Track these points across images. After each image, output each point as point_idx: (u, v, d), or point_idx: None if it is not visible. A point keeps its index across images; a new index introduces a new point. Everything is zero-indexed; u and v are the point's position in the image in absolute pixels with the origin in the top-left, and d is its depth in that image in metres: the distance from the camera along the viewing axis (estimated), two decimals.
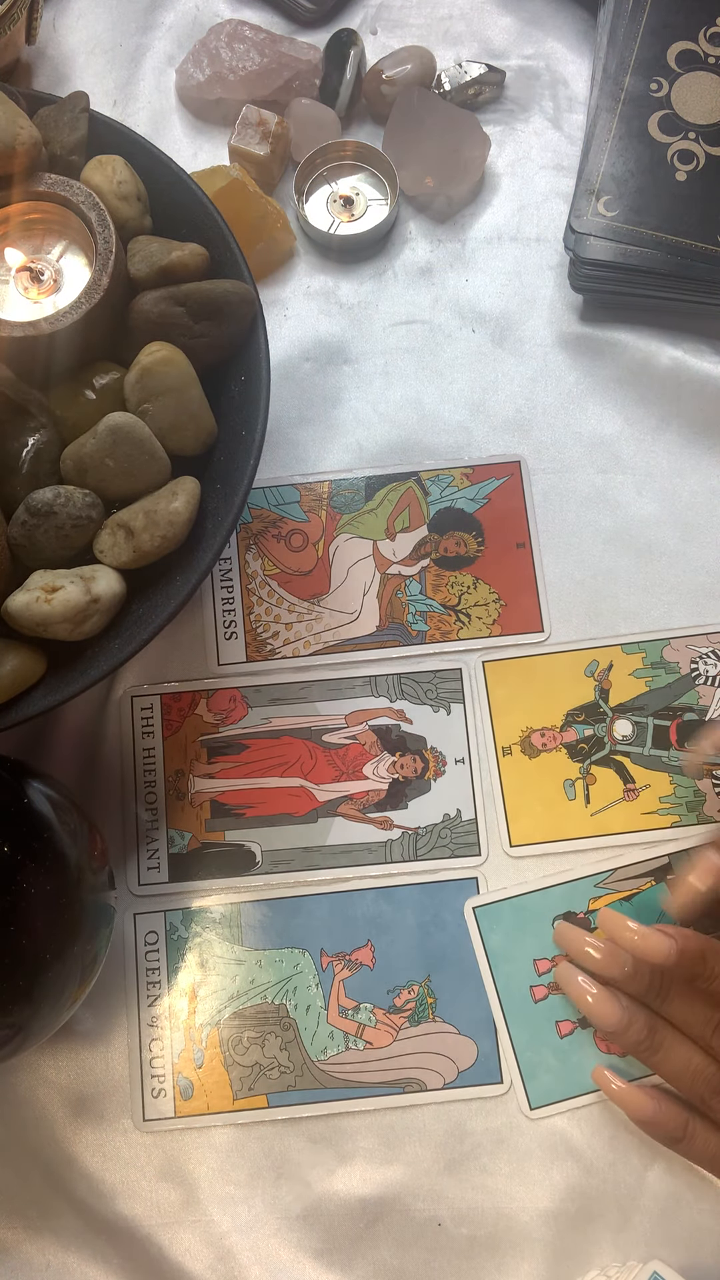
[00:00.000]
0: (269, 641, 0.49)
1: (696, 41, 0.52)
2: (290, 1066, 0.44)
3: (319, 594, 0.49)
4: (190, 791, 0.47)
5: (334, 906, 0.46)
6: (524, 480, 0.50)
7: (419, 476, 0.50)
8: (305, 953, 0.45)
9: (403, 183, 0.53)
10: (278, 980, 0.45)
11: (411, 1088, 0.44)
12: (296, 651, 0.48)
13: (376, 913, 0.45)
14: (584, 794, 0.47)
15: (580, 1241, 0.42)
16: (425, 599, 0.49)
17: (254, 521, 0.50)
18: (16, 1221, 0.43)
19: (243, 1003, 0.45)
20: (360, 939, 0.45)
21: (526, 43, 0.57)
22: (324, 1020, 0.44)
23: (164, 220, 0.45)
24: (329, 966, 0.45)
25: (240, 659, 0.48)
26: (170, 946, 0.45)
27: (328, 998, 0.45)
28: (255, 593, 0.49)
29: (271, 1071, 0.44)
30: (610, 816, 0.46)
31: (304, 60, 0.54)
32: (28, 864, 0.37)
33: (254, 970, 0.45)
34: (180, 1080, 0.44)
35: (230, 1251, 0.43)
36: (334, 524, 0.50)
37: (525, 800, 0.46)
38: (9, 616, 0.39)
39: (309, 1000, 0.45)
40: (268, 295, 0.53)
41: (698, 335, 0.52)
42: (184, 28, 0.57)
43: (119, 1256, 0.43)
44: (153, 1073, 0.44)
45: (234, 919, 0.46)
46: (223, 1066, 0.44)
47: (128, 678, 0.48)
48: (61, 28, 0.57)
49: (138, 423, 0.40)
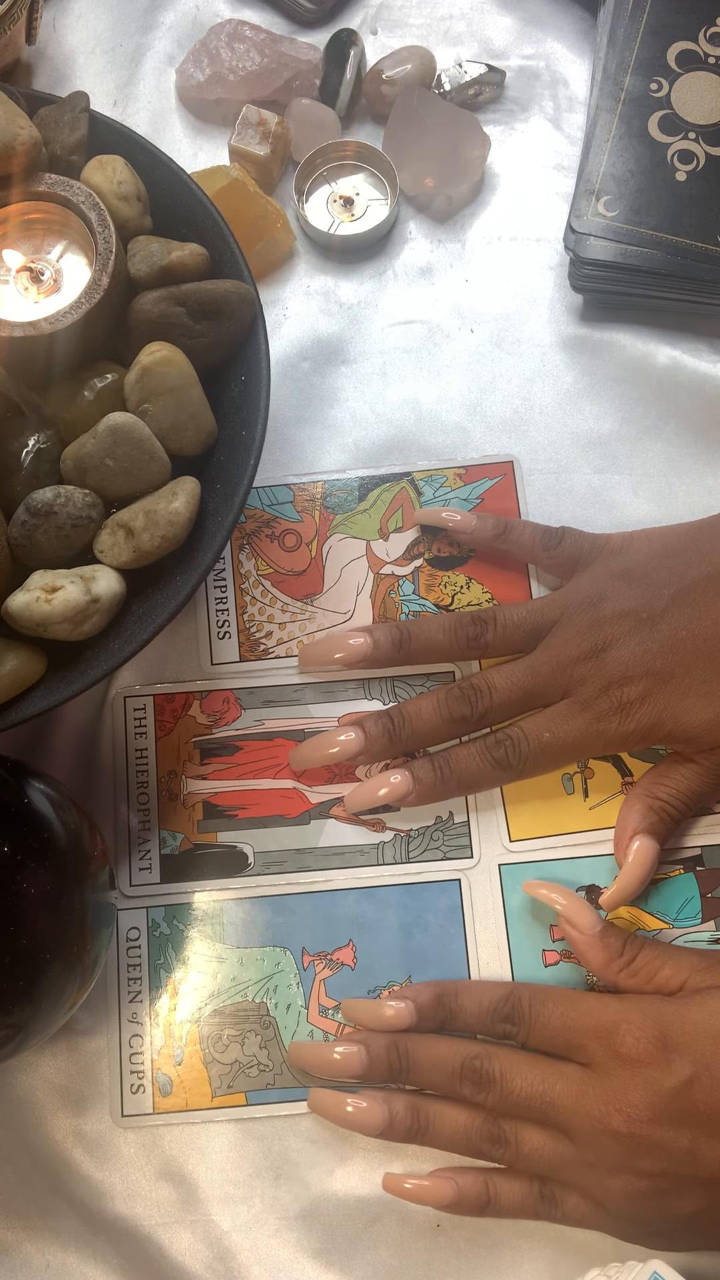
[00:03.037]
0: (262, 641, 0.49)
1: (696, 41, 0.52)
2: (270, 1065, 0.44)
3: (312, 594, 0.49)
4: (183, 793, 0.47)
5: (316, 906, 0.46)
6: (517, 480, 0.50)
7: (412, 477, 0.50)
8: (287, 951, 0.45)
9: (403, 183, 0.53)
10: (259, 978, 0.45)
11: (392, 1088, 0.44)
12: (290, 651, 0.48)
13: (359, 913, 0.45)
14: (582, 788, 0.47)
15: (580, 1241, 0.42)
16: (418, 599, 0.49)
17: (247, 521, 0.50)
18: (16, 1221, 0.43)
19: (223, 1000, 0.45)
20: (342, 939, 0.45)
21: (526, 43, 0.57)
22: (304, 1019, 0.44)
23: (164, 220, 0.45)
24: (310, 965, 0.45)
25: (234, 659, 0.48)
26: (152, 943, 0.45)
27: (308, 997, 0.45)
28: (249, 592, 0.49)
29: (251, 1069, 0.44)
30: (609, 810, 0.46)
31: (304, 60, 0.54)
32: (28, 864, 0.37)
33: (235, 968, 0.45)
34: (159, 1076, 0.44)
35: (229, 1251, 0.43)
36: (327, 524, 0.50)
37: (524, 795, 0.46)
38: (9, 616, 0.39)
39: (289, 999, 0.45)
40: (267, 295, 0.53)
41: (696, 335, 0.52)
42: (184, 28, 0.57)
43: (119, 1256, 0.43)
44: (132, 1068, 0.44)
45: (216, 916, 0.46)
46: (202, 1063, 0.44)
47: (122, 678, 0.48)
48: (61, 28, 0.57)
49: (138, 423, 0.40)
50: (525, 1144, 0.40)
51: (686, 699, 0.43)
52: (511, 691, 0.45)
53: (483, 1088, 0.41)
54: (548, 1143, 0.40)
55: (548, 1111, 0.40)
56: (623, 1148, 0.38)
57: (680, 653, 0.43)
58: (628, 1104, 0.38)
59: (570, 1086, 0.39)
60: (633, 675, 0.43)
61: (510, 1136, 0.40)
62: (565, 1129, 0.40)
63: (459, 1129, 0.41)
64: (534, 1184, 0.41)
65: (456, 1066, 0.41)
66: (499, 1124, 0.41)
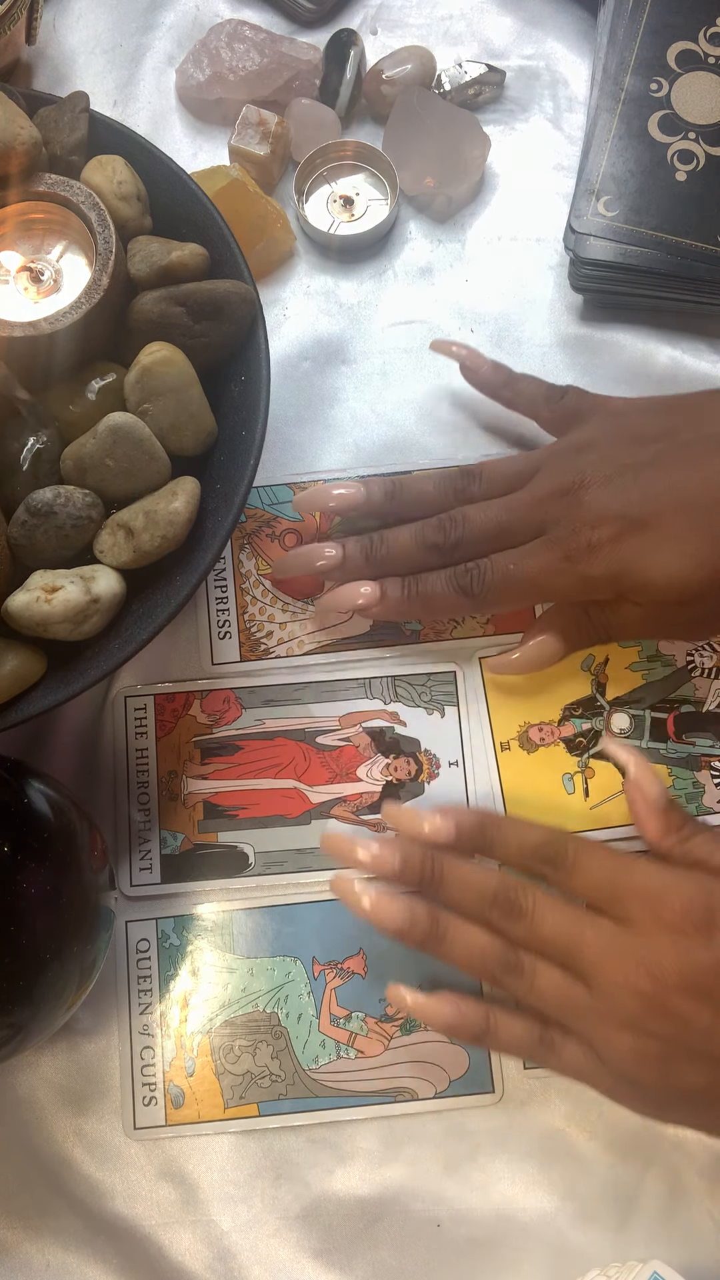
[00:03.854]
0: (263, 641, 0.49)
1: (696, 41, 0.52)
2: (281, 1075, 0.44)
3: (313, 594, 0.49)
4: (183, 793, 0.47)
5: (326, 915, 0.46)
6: None
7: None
8: (297, 961, 0.45)
9: (403, 183, 0.53)
10: (269, 989, 0.45)
11: (402, 1096, 0.43)
12: (290, 651, 0.48)
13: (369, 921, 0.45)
14: (583, 788, 0.47)
15: (580, 1241, 0.42)
16: None
17: (248, 521, 0.50)
18: (16, 1221, 0.43)
19: (234, 1011, 0.45)
20: (352, 948, 0.45)
21: (526, 43, 0.57)
22: (315, 1029, 0.44)
23: (164, 220, 0.45)
24: (321, 975, 0.45)
25: (234, 658, 0.48)
26: (162, 954, 0.45)
27: (319, 1006, 0.45)
28: (249, 592, 0.49)
29: (263, 1080, 0.44)
30: (610, 810, 0.46)
31: (304, 60, 0.54)
32: (28, 864, 0.37)
33: (245, 978, 0.45)
34: (171, 1088, 0.44)
35: (230, 1251, 0.43)
36: (328, 523, 0.50)
37: (524, 795, 0.46)
38: (9, 616, 0.39)
39: (300, 1009, 0.45)
40: (267, 295, 0.53)
41: (696, 335, 0.52)
42: (184, 28, 0.57)
43: (119, 1256, 0.43)
44: (144, 1080, 0.44)
45: (226, 927, 0.45)
46: (214, 1075, 0.44)
47: (122, 678, 0.48)
48: (61, 28, 0.57)
49: (138, 423, 0.40)
50: (541, 979, 0.39)
51: (659, 550, 0.41)
52: (485, 525, 0.44)
53: (512, 917, 0.40)
54: (564, 984, 0.39)
55: (573, 955, 0.39)
56: (642, 1006, 0.37)
57: (660, 502, 0.41)
58: (658, 966, 0.37)
59: (601, 936, 0.39)
60: (607, 518, 0.42)
61: (527, 968, 0.40)
62: (586, 976, 0.39)
63: (476, 947, 0.40)
64: (535, 1025, 0.40)
65: (489, 891, 0.40)
66: (519, 953, 0.40)
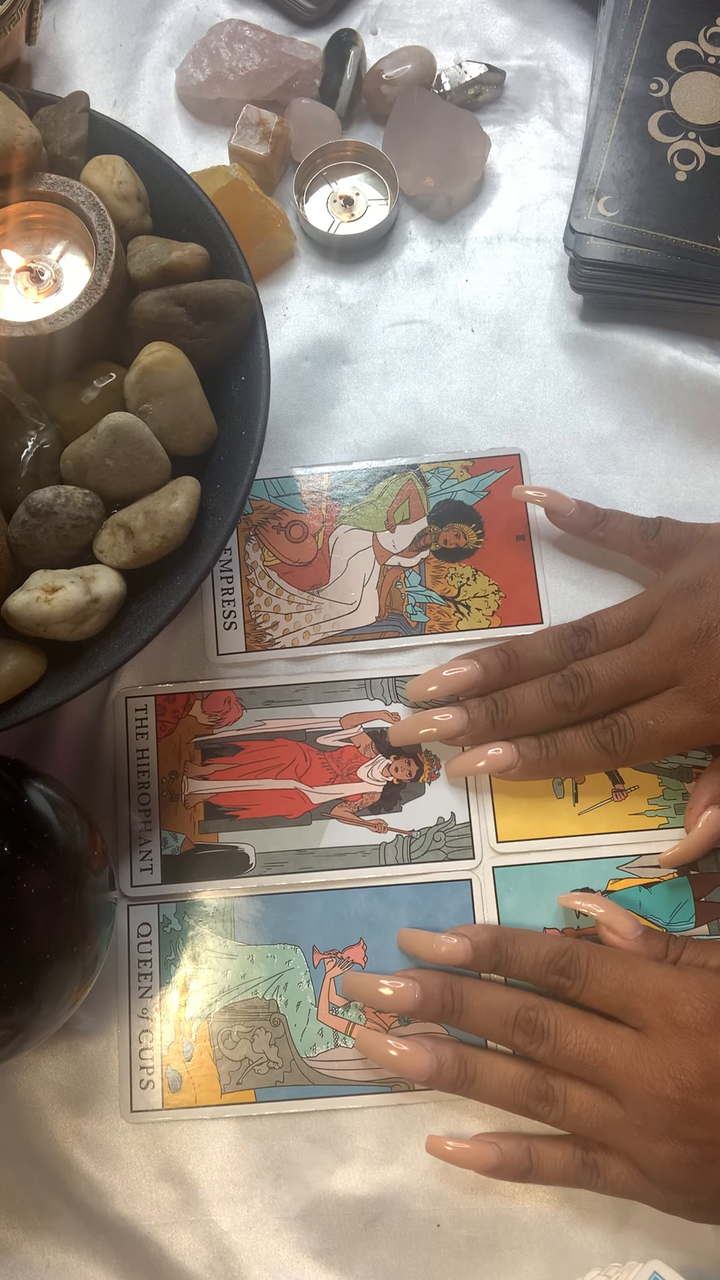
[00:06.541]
0: (268, 632, 0.49)
1: (696, 41, 0.52)
2: (279, 1062, 0.44)
3: (318, 585, 0.49)
4: (184, 793, 0.47)
5: (327, 904, 0.46)
6: (524, 473, 0.50)
7: (419, 469, 0.50)
8: (297, 949, 0.45)
9: (403, 183, 0.53)
10: (269, 976, 0.45)
11: (399, 1086, 0.43)
12: (296, 642, 0.48)
13: (369, 911, 0.45)
14: (573, 793, 0.47)
15: (580, 1241, 0.42)
16: (425, 590, 0.49)
17: (254, 513, 0.50)
18: (16, 1221, 0.43)
19: (233, 997, 0.45)
20: (353, 937, 0.45)
21: (526, 43, 0.57)
22: (314, 1017, 0.44)
23: (164, 220, 0.45)
24: (320, 964, 0.45)
25: (240, 649, 0.48)
26: (163, 939, 0.45)
27: (318, 995, 0.45)
28: (255, 583, 0.49)
29: (260, 1066, 0.44)
30: (597, 816, 0.46)
31: (304, 60, 0.54)
32: (28, 864, 0.37)
33: (245, 965, 0.45)
34: (169, 1072, 0.44)
35: (229, 1251, 0.43)
36: (334, 515, 0.50)
37: (513, 797, 0.46)
38: (9, 616, 0.39)
39: (299, 997, 0.45)
40: (268, 295, 0.53)
41: (697, 335, 0.52)
42: (184, 28, 0.57)
43: (119, 1256, 0.43)
44: (141, 1064, 0.44)
45: (227, 913, 0.46)
46: (211, 1060, 0.44)
47: (123, 678, 0.48)
48: (61, 28, 0.57)
49: (138, 423, 0.40)
50: (574, 1102, 0.40)
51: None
52: (613, 679, 0.44)
53: (536, 1039, 0.40)
54: (597, 1103, 0.40)
55: (600, 1071, 0.39)
56: (673, 1114, 0.38)
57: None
58: (682, 1071, 0.38)
59: (624, 1048, 0.39)
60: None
61: (559, 1094, 0.40)
62: (615, 1090, 0.39)
63: (507, 1082, 0.41)
64: (577, 1151, 0.40)
65: (511, 1014, 0.41)
66: (548, 1080, 0.40)
